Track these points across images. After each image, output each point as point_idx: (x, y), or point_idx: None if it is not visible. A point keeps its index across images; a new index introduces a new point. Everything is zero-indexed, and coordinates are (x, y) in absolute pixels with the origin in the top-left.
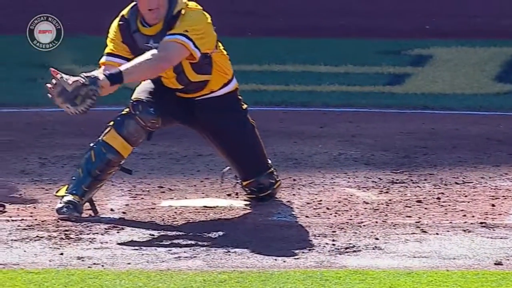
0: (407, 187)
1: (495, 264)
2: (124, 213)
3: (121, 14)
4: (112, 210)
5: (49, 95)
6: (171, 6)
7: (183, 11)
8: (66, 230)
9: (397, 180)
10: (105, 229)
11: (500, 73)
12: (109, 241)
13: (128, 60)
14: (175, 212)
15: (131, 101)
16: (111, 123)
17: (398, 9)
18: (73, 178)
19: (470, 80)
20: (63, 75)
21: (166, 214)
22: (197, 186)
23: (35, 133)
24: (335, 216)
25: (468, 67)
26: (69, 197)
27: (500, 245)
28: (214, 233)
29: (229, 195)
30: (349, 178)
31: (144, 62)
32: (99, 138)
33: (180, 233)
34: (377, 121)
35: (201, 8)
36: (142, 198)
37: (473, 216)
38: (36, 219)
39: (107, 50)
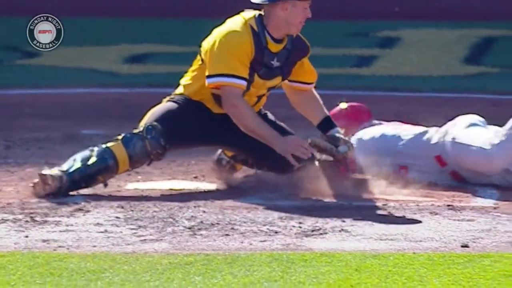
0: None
1: (462, 246)
2: (89, 195)
3: (245, 23)
4: (78, 192)
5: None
6: None
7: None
8: (31, 213)
9: None
10: (71, 211)
11: (468, 55)
12: (75, 223)
13: (247, 80)
14: (141, 195)
15: (147, 124)
16: (119, 137)
17: None
18: (63, 167)
19: (438, 62)
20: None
21: (132, 197)
22: (163, 168)
23: (1, 115)
24: (301, 198)
25: (436, 49)
26: (59, 173)
27: (466, 227)
28: (180, 215)
29: (195, 177)
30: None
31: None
32: (103, 145)
33: (146, 215)
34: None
35: None
36: (108, 180)
37: (440, 198)
38: (0, 202)
39: (234, 71)
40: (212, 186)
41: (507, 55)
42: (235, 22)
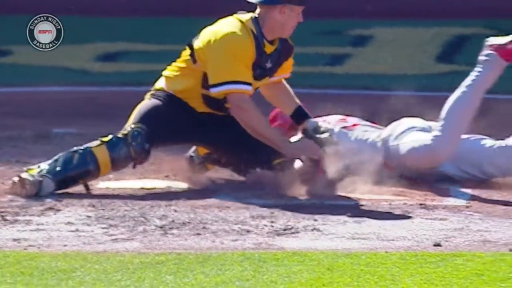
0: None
1: (434, 245)
2: (61, 194)
3: (244, 26)
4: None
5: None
6: None
7: None
8: (2, 212)
9: None
10: (42, 210)
11: (441, 54)
12: (46, 222)
13: (251, 85)
14: (112, 194)
15: (133, 128)
16: (105, 138)
17: None
18: (43, 169)
19: (411, 61)
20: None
21: (103, 196)
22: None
23: None
24: (273, 197)
25: (409, 48)
26: (39, 178)
27: (439, 226)
28: (151, 214)
29: (167, 176)
30: None
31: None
32: (87, 146)
33: (117, 214)
34: (317, 102)
35: None
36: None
37: (412, 197)
38: None
39: (240, 77)
40: (183, 185)
41: (479, 53)
42: (233, 25)
